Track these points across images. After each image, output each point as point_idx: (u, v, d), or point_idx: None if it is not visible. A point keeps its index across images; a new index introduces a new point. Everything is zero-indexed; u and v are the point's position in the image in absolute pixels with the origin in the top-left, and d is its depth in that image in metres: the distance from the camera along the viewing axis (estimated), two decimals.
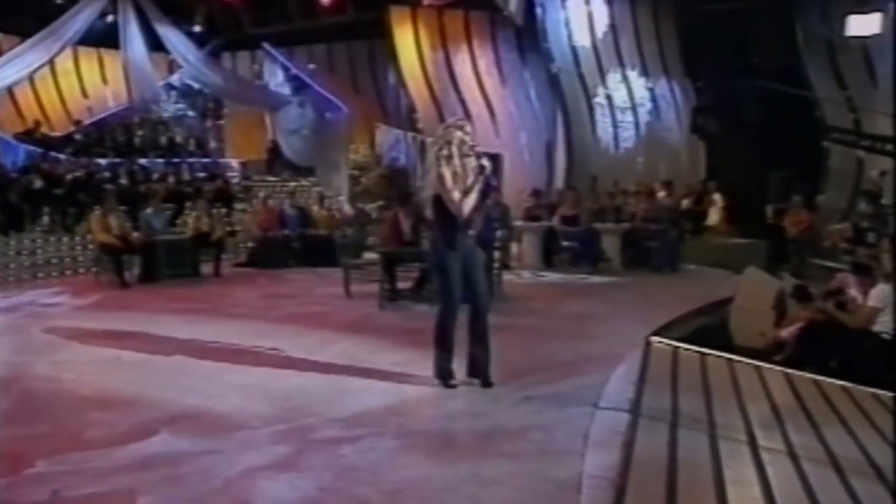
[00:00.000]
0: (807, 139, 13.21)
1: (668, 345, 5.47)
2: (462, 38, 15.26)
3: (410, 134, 15.35)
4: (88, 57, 17.30)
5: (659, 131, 14.04)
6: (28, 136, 14.22)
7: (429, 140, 4.53)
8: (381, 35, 15.58)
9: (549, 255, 10.60)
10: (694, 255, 10.93)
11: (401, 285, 7.75)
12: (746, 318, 6.88)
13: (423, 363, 4.55)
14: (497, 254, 8.23)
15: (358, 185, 15.51)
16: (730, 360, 5.21)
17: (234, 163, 16.07)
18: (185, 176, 14.35)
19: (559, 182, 13.74)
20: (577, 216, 10.43)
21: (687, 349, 5.39)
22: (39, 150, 13.25)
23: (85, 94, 17.00)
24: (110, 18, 15.54)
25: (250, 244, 11.36)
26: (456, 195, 3.93)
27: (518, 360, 4.93)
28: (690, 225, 12.10)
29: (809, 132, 13.24)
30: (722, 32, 13.22)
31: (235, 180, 15.21)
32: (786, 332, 5.90)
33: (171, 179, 13.07)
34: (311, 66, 17.73)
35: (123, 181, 12.42)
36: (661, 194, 11.86)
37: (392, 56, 15.47)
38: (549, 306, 7.39)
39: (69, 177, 11.64)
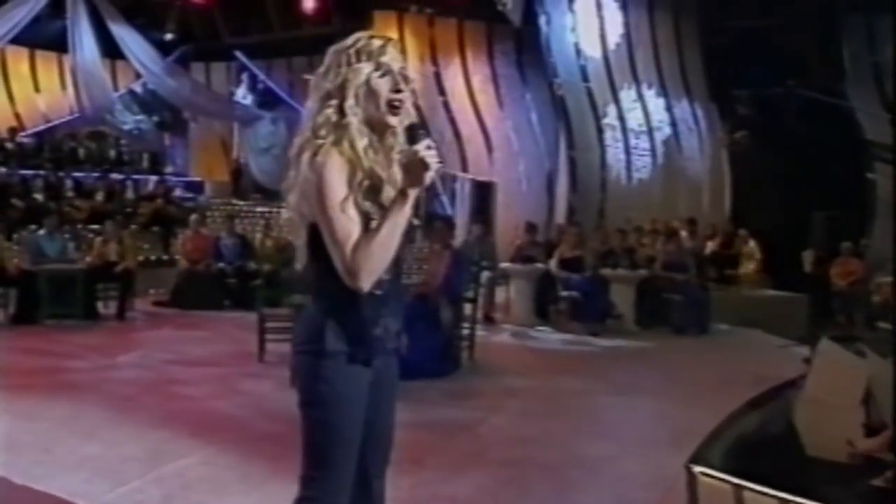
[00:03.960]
0: (856, 173, 11.24)
1: (723, 480, 3.30)
2: (455, 49, 13.41)
3: None
4: (46, 61, 15.61)
5: (679, 160, 12.02)
6: None
7: (311, 81, 1.80)
8: None
9: (544, 307, 8.45)
10: (721, 310, 8.82)
11: None
12: (823, 417, 4.74)
13: None
14: (468, 307, 6.11)
15: None
16: None
17: (174, 181, 13.97)
18: (129, 194, 12.39)
19: (561, 217, 11.68)
20: (580, 259, 8.30)
21: (755, 491, 3.23)
22: None
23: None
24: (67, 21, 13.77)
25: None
26: (347, 230, 1.62)
27: None
28: (716, 273, 10.01)
29: (859, 164, 11.28)
30: (754, 52, 11.36)
31: (192, 202, 13.21)
32: None
33: (99, 197, 11.03)
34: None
35: (38, 196, 10.40)
36: (683, 235, 9.79)
37: None
38: (534, 389, 5.20)
39: None
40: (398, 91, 1.71)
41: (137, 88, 15.94)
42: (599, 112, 11.56)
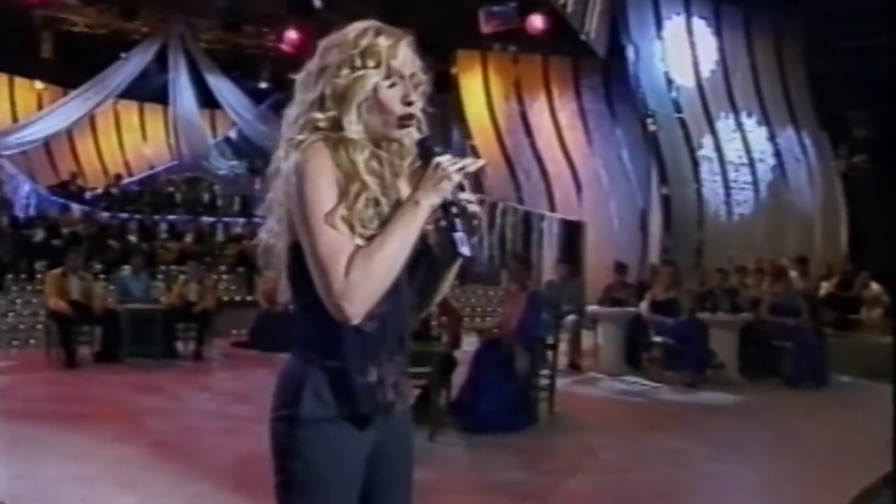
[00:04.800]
0: None
1: None
2: (540, 86, 13.13)
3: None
4: (153, 112, 16.62)
5: (785, 194, 11.06)
6: (62, 188, 13.21)
7: (298, 79, 1.43)
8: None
9: (636, 354, 7.76)
10: (842, 360, 7.79)
11: None
12: None
13: None
14: (550, 355, 5.58)
15: None
16: None
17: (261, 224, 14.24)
18: (220, 236, 12.73)
19: (655, 256, 10.93)
20: (675, 301, 7.58)
21: None
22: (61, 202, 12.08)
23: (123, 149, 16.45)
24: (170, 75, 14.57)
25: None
26: (334, 246, 1.24)
27: None
28: (833, 318, 8.94)
29: None
30: (868, 72, 10.34)
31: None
32: None
33: (188, 238, 11.33)
34: None
35: (133, 238, 10.80)
36: (793, 275, 8.85)
37: (457, 107, 13.51)
38: (619, 448, 4.59)
39: (66, 230, 10.10)
40: (409, 103, 1.35)
41: (233, 135, 16.60)
42: (694, 144, 10.84)
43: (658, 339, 7.42)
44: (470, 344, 5.69)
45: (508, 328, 5.34)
